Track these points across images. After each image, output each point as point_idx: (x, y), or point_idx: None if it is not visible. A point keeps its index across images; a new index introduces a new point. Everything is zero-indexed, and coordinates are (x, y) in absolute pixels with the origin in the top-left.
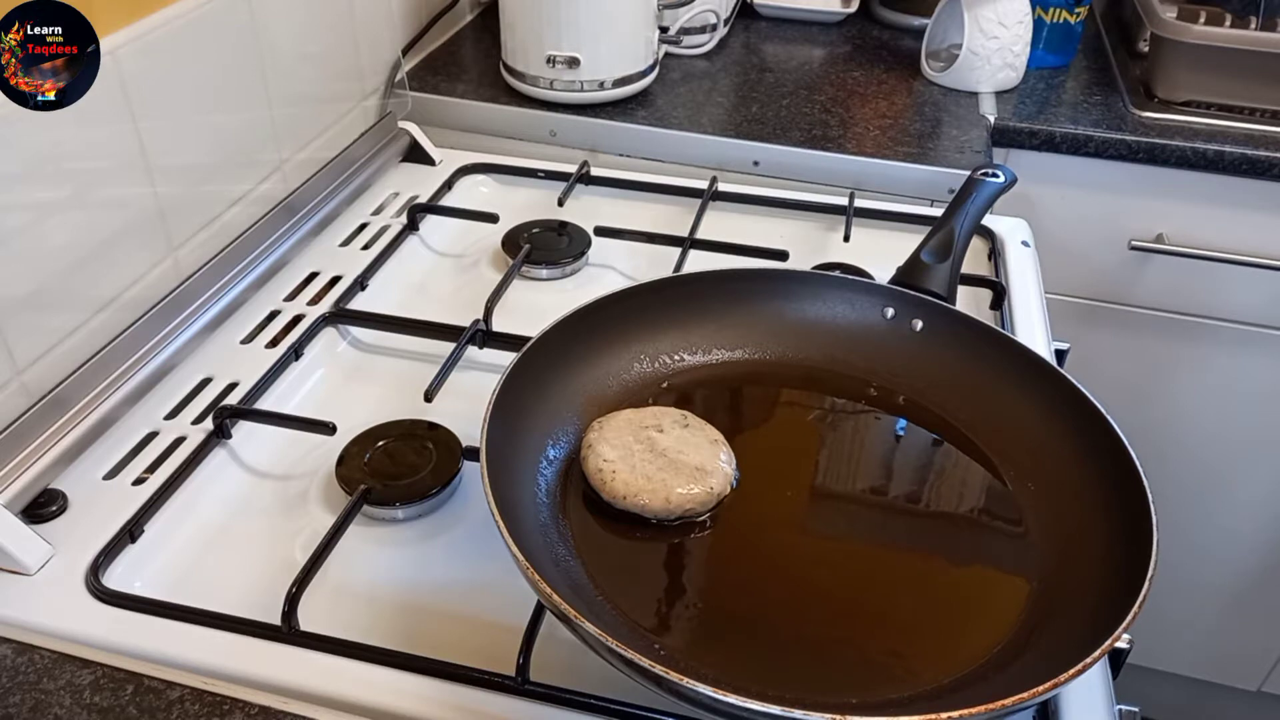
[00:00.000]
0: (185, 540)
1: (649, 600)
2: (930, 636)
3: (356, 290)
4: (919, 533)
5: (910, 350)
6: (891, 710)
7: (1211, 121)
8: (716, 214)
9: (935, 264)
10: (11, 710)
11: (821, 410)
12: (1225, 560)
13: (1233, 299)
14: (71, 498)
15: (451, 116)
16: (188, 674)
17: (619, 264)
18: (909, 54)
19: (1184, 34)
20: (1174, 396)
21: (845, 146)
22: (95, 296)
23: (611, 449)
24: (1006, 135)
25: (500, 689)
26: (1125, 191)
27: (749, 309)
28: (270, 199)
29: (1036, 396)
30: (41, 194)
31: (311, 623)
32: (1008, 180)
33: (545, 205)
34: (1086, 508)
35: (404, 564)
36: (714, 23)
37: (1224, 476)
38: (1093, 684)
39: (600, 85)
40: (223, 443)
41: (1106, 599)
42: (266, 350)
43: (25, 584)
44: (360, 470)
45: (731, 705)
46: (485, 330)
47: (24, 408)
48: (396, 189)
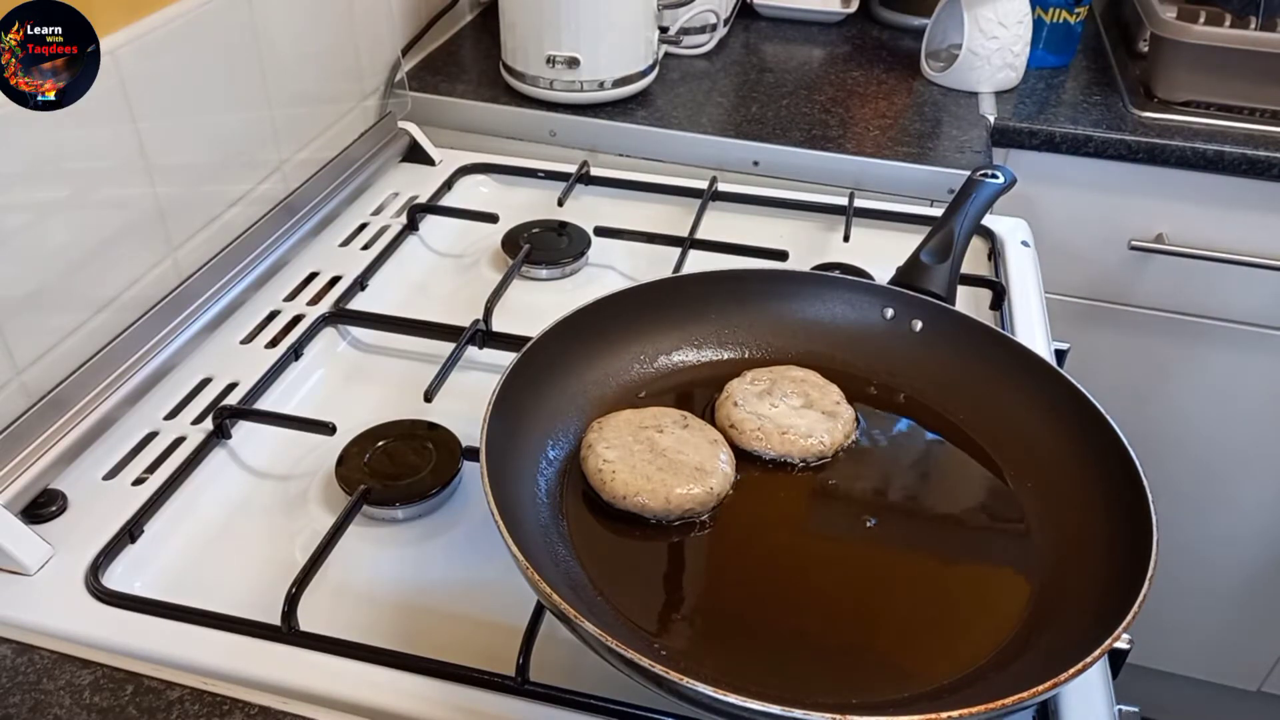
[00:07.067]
0: (185, 540)
1: (649, 600)
2: (930, 636)
3: (356, 290)
4: (918, 532)
5: (910, 350)
6: (891, 710)
7: (1211, 121)
8: (716, 214)
9: (935, 264)
10: (11, 710)
11: None
12: (1225, 560)
13: (1233, 299)
14: (71, 498)
15: (451, 116)
16: (187, 674)
17: (619, 264)
18: (909, 54)
19: (1184, 34)
20: (1174, 396)
21: (845, 146)
22: (95, 296)
23: (611, 449)
24: (1006, 135)
25: (500, 689)
26: (1125, 191)
27: (749, 309)
28: (270, 199)
29: (1036, 396)
30: (41, 194)
31: (311, 623)
32: (1007, 181)
33: (545, 205)
34: (1086, 507)
35: (404, 564)
36: (714, 23)
37: (1224, 476)
38: (1093, 684)
39: (600, 85)
40: (223, 443)
41: (1106, 599)
42: (266, 350)
43: (25, 584)
44: (360, 470)
45: (731, 705)
46: (485, 330)
47: (24, 408)
48: (396, 189)
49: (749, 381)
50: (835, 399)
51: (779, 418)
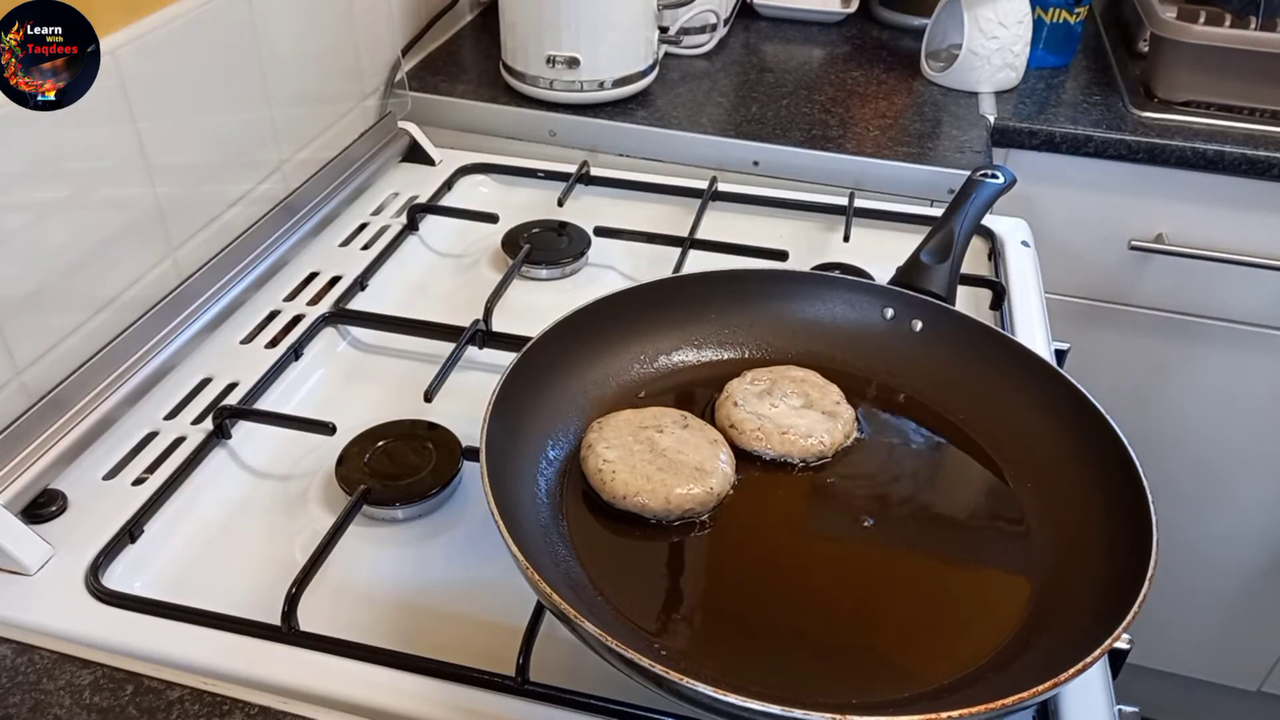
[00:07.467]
0: (185, 540)
1: (649, 600)
2: (930, 636)
3: (356, 290)
4: (918, 532)
5: (910, 350)
6: (891, 710)
7: (1211, 121)
8: (716, 214)
9: (935, 264)
10: (11, 710)
11: None
12: (1225, 560)
13: (1233, 299)
14: (71, 498)
15: (451, 116)
16: (187, 674)
17: (619, 264)
18: (909, 54)
19: (1184, 34)
20: (1174, 396)
21: (845, 146)
22: (95, 296)
23: (611, 449)
24: (1006, 135)
25: (500, 689)
26: (1125, 191)
27: (749, 309)
28: (270, 199)
29: (1036, 396)
30: (41, 194)
31: (311, 623)
32: (1007, 181)
33: (545, 205)
34: (1086, 507)
35: (404, 564)
36: (714, 23)
37: (1224, 476)
38: (1093, 684)
39: (600, 85)
40: (222, 443)
41: (1106, 599)
42: (266, 350)
43: (25, 584)
44: (360, 470)
45: (731, 705)
46: (485, 330)
47: (24, 408)
48: (396, 189)
49: (749, 381)
50: (835, 399)
51: (779, 418)
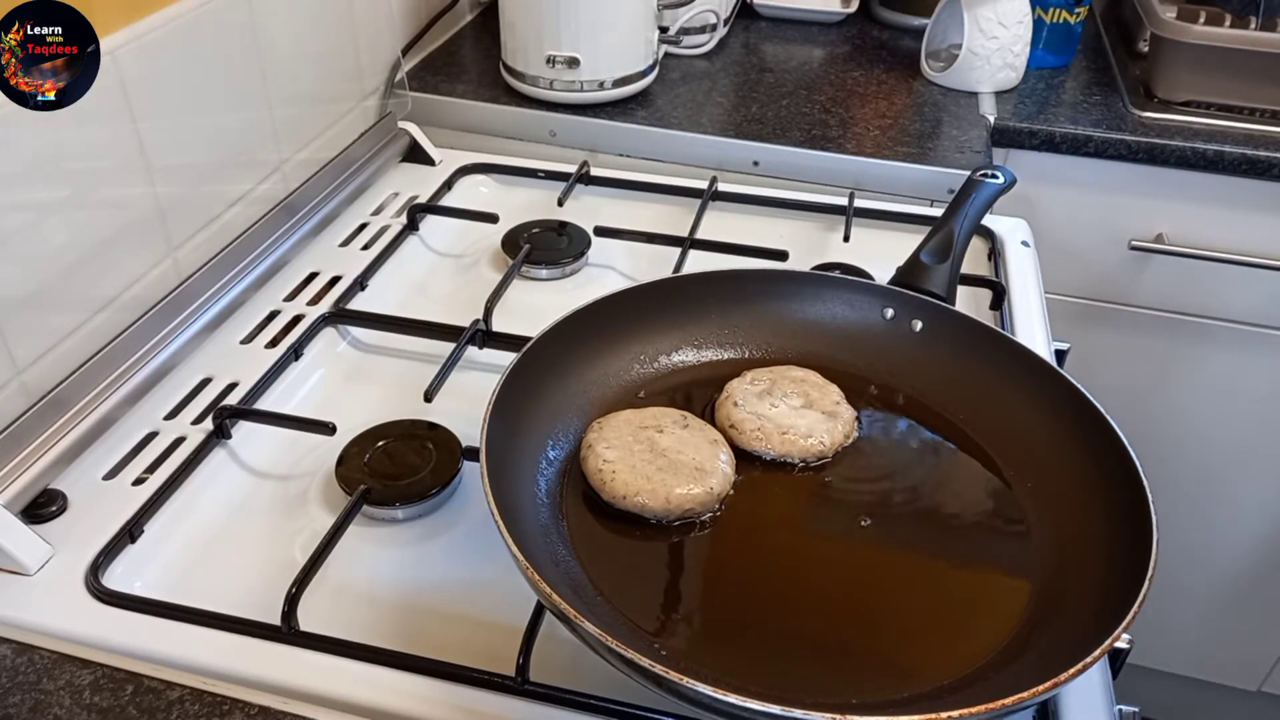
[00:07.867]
0: (185, 540)
1: (649, 600)
2: (930, 636)
3: (356, 290)
4: (918, 532)
5: (910, 350)
6: (891, 710)
7: (1211, 121)
8: (716, 214)
9: (935, 264)
10: (11, 710)
11: None
12: (1225, 560)
13: (1233, 299)
14: (71, 498)
15: (451, 116)
16: (187, 674)
17: (619, 264)
18: (909, 54)
19: (1184, 34)
20: (1174, 396)
21: (845, 146)
22: (95, 296)
23: (611, 449)
24: (1006, 135)
25: (500, 689)
26: (1125, 191)
27: (749, 309)
28: (270, 199)
29: (1036, 396)
30: (41, 194)
31: (311, 623)
32: (1007, 181)
33: (545, 205)
34: (1086, 507)
35: (404, 564)
36: (714, 23)
37: (1224, 476)
38: (1093, 684)
39: (600, 85)
40: (222, 443)
41: (1106, 599)
42: (266, 350)
43: (25, 584)
44: (360, 470)
45: (731, 705)
46: (485, 330)
47: (24, 408)
48: (396, 189)
49: (749, 381)
50: (835, 399)
51: (779, 418)
